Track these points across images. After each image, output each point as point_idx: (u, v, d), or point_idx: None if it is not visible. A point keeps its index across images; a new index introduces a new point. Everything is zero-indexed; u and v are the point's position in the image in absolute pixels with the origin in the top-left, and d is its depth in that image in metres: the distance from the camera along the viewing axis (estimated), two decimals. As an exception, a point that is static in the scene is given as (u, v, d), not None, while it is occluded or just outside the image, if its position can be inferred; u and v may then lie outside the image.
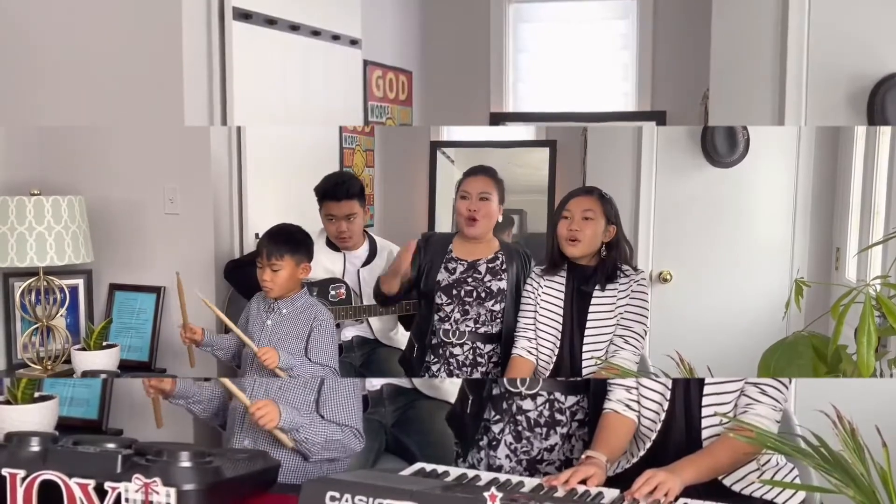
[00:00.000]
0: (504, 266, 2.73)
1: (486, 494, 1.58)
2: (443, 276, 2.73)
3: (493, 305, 2.69)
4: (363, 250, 3.12)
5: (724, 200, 3.69)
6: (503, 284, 2.70)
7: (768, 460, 1.92)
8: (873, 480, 1.39)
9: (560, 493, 1.73)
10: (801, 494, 1.84)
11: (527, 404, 2.31)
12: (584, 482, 1.77)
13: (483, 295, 2.70)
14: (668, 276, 3.73)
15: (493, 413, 2.35)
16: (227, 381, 2.22)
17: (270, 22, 3.11)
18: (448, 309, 2.71)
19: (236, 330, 2.50)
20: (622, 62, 4.46)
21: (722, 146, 3.62)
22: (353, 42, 3.58)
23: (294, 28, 3.23)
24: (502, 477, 1.84)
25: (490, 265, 2.73)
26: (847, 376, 1.73)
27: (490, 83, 4.58)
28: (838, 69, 2.75)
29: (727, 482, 1.87)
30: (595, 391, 2.27)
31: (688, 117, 4.10)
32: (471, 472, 1.89)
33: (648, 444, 1.99)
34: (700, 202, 3.71)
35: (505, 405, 2.33)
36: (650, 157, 3.75)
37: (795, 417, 2.07)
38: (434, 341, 2.72)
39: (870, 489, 1.38)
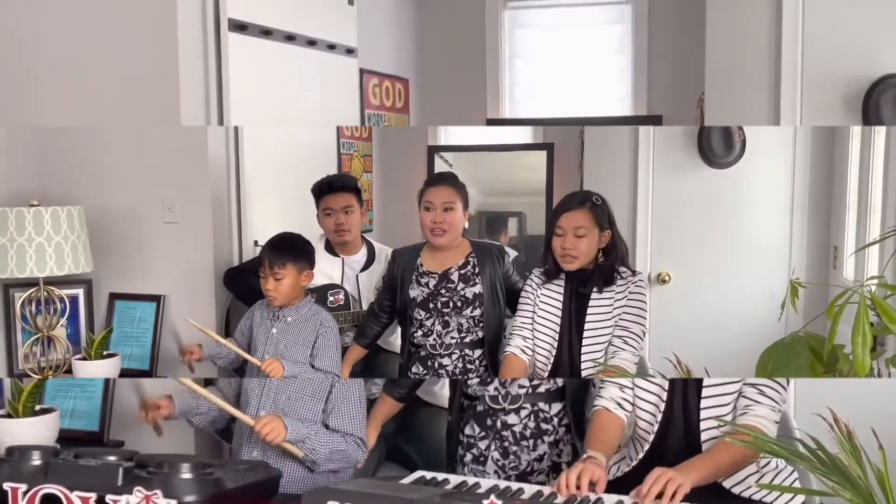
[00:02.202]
0: (476, 269, 2.70)
1: (485, 502, 1.59)
2: (416, 292, 2.71)
3: (471, 312, 2.67)
4: (361, 255, 3.12)
5: (721, 201, 3.70)
6: (478, 289, 2.68)
7: (768, 463, 1.93)
8: (870, 482, 1.40)
9: (560, 499, 1.73)
10: (801, 497, 1.84)
11: (511, 419, 2.29)
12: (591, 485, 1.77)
13: (459, 304, 2.68)
14: (667, 277, 3.74)
15: (477, 430, 2.32)
16: (228, 407, 2.21)
17: (266, 33, 3.11)
18: (429, 324, 2.69)
19: (239, 351, 2.51)
20: (618, 66, 4.47)
21: (718, 147, 3.63)
22: (349, 51, 3.58)
23: (290, 38, 3.23)
24: (502, 484, 1.85)
25: (461, 272, 2.71)
26: (844, 376, 1.74)
27: (486, 89, 4.59)
28: (833, 71, 2.75)
29: (727, 485, 1.88)
30: (572, 396, 2.28)
31: (684, 121, 4.11)
32: (471, 480, 1.89)
33: (647, 447, 1.99)
34: (697, 203, 3.72)
35: (489, 421, 2.30)
36: (647, 158, 3.76)
37: (794, 420, 2.08)
38: (422, 353, 2.71)
39: (867, 491, 1.39)
